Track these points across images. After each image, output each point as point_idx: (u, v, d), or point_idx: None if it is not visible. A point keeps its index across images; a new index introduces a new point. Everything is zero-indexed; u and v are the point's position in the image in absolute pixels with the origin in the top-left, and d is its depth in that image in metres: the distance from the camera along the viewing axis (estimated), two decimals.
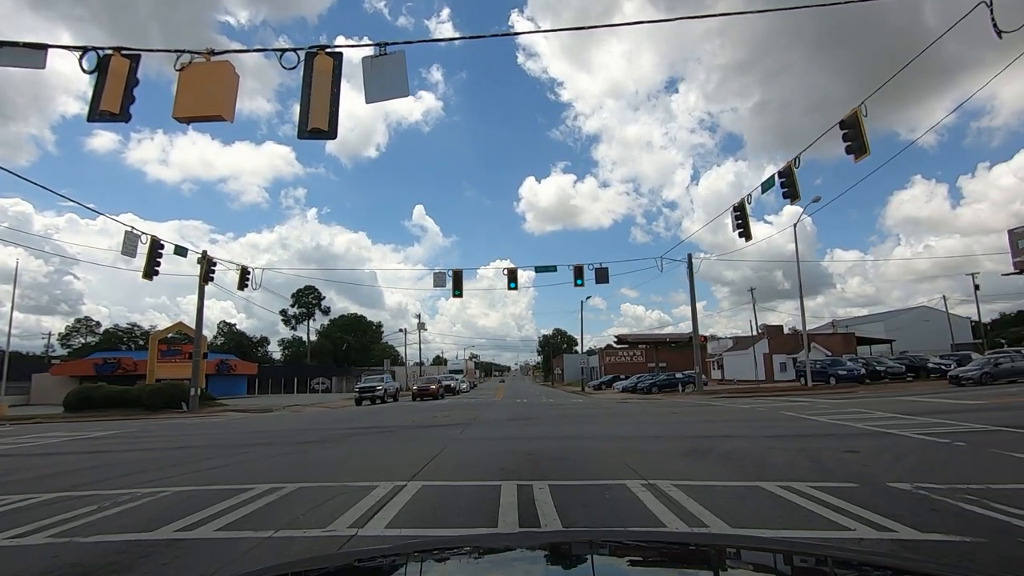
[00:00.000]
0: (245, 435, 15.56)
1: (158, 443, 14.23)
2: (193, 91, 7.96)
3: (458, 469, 8.32)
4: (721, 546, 1.79)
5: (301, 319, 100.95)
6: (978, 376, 26.05)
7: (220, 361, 55.50)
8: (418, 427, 16.01)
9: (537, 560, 1.58)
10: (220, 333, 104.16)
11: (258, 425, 19.42)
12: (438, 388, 39.37)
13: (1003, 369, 26.58)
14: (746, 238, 19.92)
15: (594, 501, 5.93)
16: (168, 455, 11.38)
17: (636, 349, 73.25)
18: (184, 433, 16.93)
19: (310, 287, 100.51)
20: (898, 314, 65.12)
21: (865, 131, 12.97)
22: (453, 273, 29.27)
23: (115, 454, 12.18)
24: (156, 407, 29.24)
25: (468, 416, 19.93)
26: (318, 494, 6.57)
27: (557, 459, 9.05)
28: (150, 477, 8.40)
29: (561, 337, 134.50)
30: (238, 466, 9.38)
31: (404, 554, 1.62)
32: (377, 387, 34.44)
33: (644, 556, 1.59)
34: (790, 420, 15.09)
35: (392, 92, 8.12)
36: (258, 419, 23.70)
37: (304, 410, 31.00)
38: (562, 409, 24.19)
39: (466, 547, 1.79)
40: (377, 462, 9.42)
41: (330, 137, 8.02)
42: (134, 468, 9.58)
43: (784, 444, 10.26)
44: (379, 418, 20.41)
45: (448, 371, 67.80)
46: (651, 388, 40.33)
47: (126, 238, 17.96)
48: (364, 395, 33.88)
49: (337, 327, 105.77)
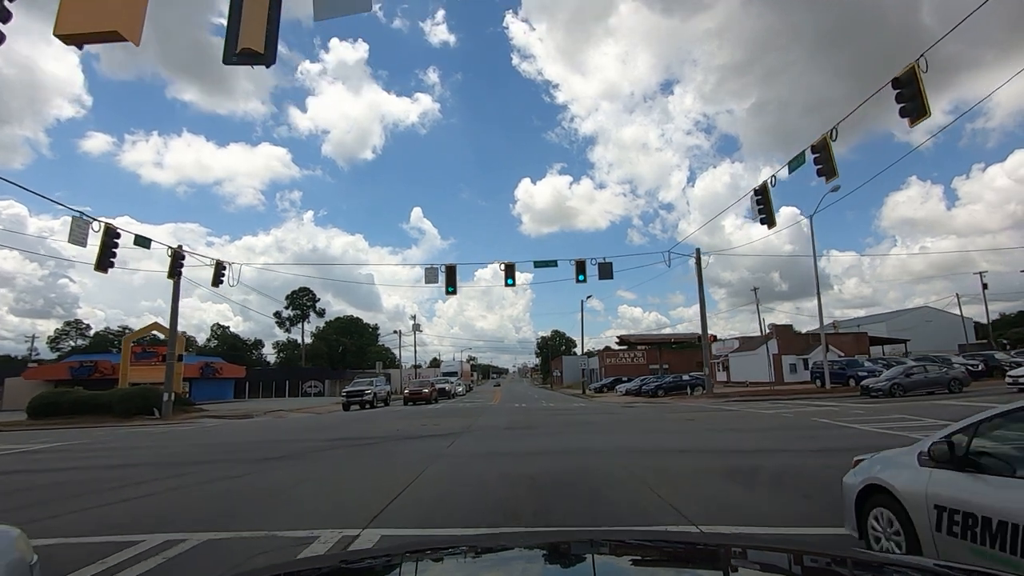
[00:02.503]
0: (203, 449, 13.54)
1: (98, 459, 12.21)
2: (83, 1, 5.97)
3: (436, 505, 6.31)
4: (725, 546, 1.74)
5: (295, 321, 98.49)
6: None
7: (205, 364, 53.07)
8: (401, 438, 13.99)
9: (535, 559, 1.55)
10: (213, 336, 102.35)
11: (226, 435, 17.41)
12: (431, 392, 36.67)
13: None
14: (769, 224, 17.96)
15: None
16: (92, 478, 9.35)
17: (637, 350, 70.75)
18: (138, 445, 14.89)
19: (304, 289, 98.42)
20: (900, 314, 63.38)
21: (925, 90, 11.09)
22: (446, 268, 27.35)
23: (33, 475, 10.14)
24: (128, 413, 27.12)
25: (460, 424, 17.92)
26: (223, 553, 4.57)
27: (567, 485, 7.07)
28: (36, 514, 6.39)
29: (560, 339, 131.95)
30: (157, 498, 7.35)
31: (399, 555, 1.60)
32: (366, 391, 31.82)
33: (644, 556, 1.60)
34: (828, 429, 13.14)
35: (348, 6, 6.15)
36: (232, 427, 21.67)
37: (287, 416, 28.97)
38: (565, 415, 22.19)
39: (463, 547, 1.80)
40: (334, 492, 7.41)
41: (265, 63, 6.00)
42: (33, 498, 7.58)
43: (842, 462, 8.26)
44: (362, 426, 18.39)
45: (443, 373, 64.29)
46: (657, 391, 38.17)
47: (73, 225, 15.89)
48: (352, 399, 31.29)
49: (333, 329, 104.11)
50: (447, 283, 26.94)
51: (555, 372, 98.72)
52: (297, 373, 73.11)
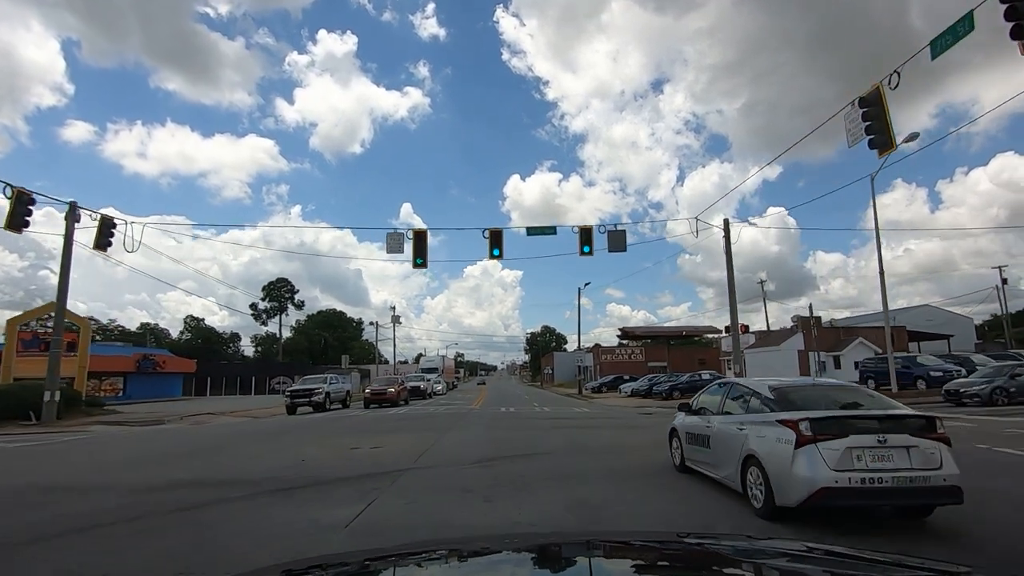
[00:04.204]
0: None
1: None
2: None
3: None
4: (722, 548, 1.66)
5: (272, 313, 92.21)
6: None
7: (143, 356, 46.09)
8: (292, 482, 7.79)
9: (524, 563, 1.53)
10: (187, 328, 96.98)
11: (73, 458, 11.32)
12: (398, 392, 29.12)
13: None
14: (883, 148, 11.87)
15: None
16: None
17: (634, 347, 67.16)
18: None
19: (283, 279, 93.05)
20: (899, 313, 58.64)
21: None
22: (414, 235, 21.23)
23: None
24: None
25: (416, 445, 11.73)
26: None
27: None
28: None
29: (550, 335, 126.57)
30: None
31: (413, 553, 1.59)
32: (316, 389, 25.71)
33: (642, 557, 1.59)
34: None
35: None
36: (114, 440, 15.43)
37: (213, 420, 22.75)
38: (570, 427, 16.06)
39: (457, 549, 1.77)
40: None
41: None
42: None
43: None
44: (259, 449, 11.93)
45: (422, 369, 54.86)
46: (671, 392, 31.98)
47: None
48: (298, 400, 25.19)
49: (315, 323, 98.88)
50: (415, 254, 20.90)
51: (546, 369, 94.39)
52: (273, 368, 66.88)
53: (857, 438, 4.89)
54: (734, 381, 7.27)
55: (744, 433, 5.94)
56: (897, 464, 4.81)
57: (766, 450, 5.43)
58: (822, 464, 4.85)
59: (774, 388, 6.06)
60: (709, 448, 6.90)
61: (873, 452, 4.85)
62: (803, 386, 6.30)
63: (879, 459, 4.82)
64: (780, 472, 5.14)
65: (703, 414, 7.38)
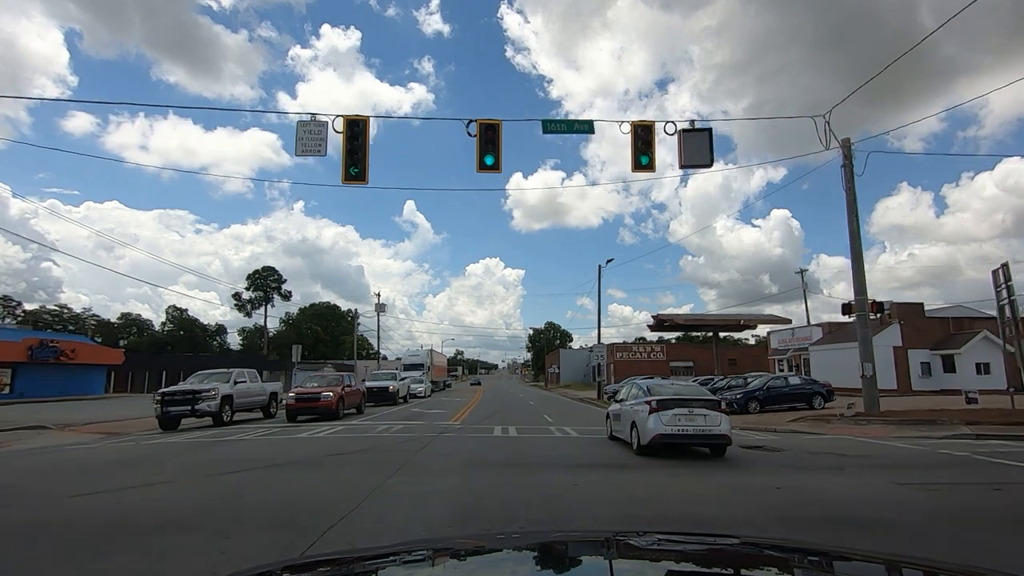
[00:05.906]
0: None
1: None
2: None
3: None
4: (727, 546, 1.72)
5: (257, 304, 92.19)
6: None
7: (39, 342, 36.79)
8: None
9: (525, 561, 1.55)
10: (170, 319, 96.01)
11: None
12: (336, 397, 19.24)
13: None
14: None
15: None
16: None
17: (654, 344, 61.15)
18: None
19: (269, 268, 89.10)
20: None
21: None
22: (345, 125, 13.33)
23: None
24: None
25: None
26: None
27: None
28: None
29: (554, 331, 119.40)
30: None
31: (409, 552, 1.57)
32: (204, 392, 17.17)
33: (642, 555, 1.60)
34: None
35: None
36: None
37: (35, 439, 14.87)
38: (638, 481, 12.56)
39: (457, 547, 1.78)
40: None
41: None
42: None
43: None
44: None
45: (405, 366, 43.50)
46: (747, 404, 22.45)
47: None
48: (173, 408, 16.82)
49: (306, 316, 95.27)
50: (347, 161, 13.11)
51: (551, 368, 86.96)
52: (247, 363, 64.75)
53: (678, 410, 9.88)
54: (635, 382, 12.62)
55: (634, 410, 10.72)
56: (697, 424, 9.83)
57: (639, 418, 10.29)
58: (660, 423, 9.78)
59: (648, 387, 11.00)
60: (620, 422, 11.77)
61: (686, 417, 9.82)
62: (663, 384, 11.45)
63: (689, 420, 9.82)
64: (643, 428, 10.02)
65: (621, 403, 12.01)
